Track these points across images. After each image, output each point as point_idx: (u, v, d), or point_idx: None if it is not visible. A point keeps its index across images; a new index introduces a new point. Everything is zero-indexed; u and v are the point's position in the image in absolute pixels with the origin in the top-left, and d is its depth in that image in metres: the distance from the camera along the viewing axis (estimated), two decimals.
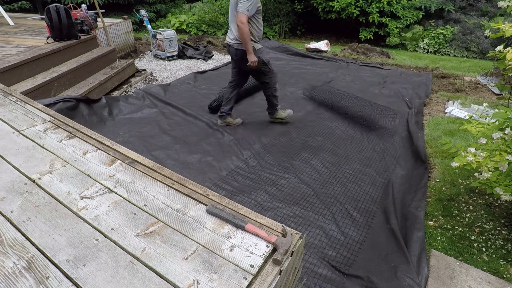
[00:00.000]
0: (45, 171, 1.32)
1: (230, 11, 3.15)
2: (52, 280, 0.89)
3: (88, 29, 4.92)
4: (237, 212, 1.13)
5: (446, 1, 8.23)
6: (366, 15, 8.18)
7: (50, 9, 4.08)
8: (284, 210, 2.44)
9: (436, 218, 2.34)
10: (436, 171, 2.87)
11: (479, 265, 1.94)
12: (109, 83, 4.52)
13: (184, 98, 4.53)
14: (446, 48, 7.89)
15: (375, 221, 2.38)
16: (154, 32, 6.51)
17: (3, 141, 1.52)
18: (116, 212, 1.12)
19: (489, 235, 2.16)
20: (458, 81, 5.54)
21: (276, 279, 0.92)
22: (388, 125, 3.84)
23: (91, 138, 1.58)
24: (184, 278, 0.90)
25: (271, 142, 3.45)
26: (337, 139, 3.56)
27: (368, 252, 2.09)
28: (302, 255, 1.15)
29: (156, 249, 0.99)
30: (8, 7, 7.94)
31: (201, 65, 6.40)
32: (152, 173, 1.33)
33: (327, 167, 3.02)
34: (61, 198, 1.18)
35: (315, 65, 6.49)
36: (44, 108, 1.86)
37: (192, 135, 3.52)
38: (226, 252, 0.98)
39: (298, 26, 9.93)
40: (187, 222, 1.09)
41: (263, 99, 4.62)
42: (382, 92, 5.06)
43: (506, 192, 1.88)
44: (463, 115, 4.01)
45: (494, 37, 2.42)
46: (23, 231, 1.04)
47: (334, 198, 2.60)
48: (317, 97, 4.52)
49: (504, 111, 2.02)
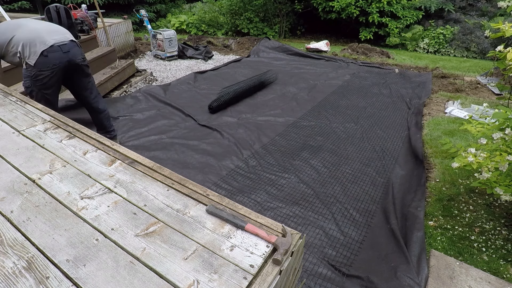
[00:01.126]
0: (45, 171, 1.32)
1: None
2: (52, 280, 0.89)
3: (88, 29, 4.92)
4: (237, 212, 1.13)
5: (446, 1, 8.23)
6: (366, 15, 8.18)
7: (50, 9, 4.07)
8: (284, 210, 2.44)
9: (436, 218, 2.34)
10: (436, 171, 2.87)
11: (479, 265, 1.94)
12: (109, 83, 4.52)
13: (184, 98, 4.53)
14: (446, 48, 7.89)
15: (375, 221, 2.38)
16: (154, 32, 6.51)
17: (3, 141, 1.52)
18: (116, 212, 1.12)
19: (489, 235, 2.16)
20: (458, 81, 5.54)
21: (276, 279, 0.92)
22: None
23: (91, 138, 1.58)
24: (184, 278, 0.90)
25: (271, 142, 3.45)
26: (337, 139, 3.56)
27: (368, 252, 2.09)
28: (302, 255, 1.15)
29: (156, 249, 0.99)
30: (8, 7, 7.95)
31: (201, 65, 6.41)
32: (152, 173, 1.33)
33: (327, 167, 3.02)
34: (61, 198, 1.18)
35: (315, 65, 6.49)
36: (44, 108, 1.86)
37: (192, 135, 3.52)
38: (226, 252, 0.98)
39: (298, 26, 9.93)
40: (187, 222, 1.09)
41: (263, 99, 4.63)
42: (382, 92, 5.06)
43: (506, 192, 1.88)
44: (463, 115, 4.01)
45: (494, 37, 2.42)
46: (23, 231, 1.03)
47: (334, 198, 2.60)
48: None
49: (504, 111, 2.02)
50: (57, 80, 2.72)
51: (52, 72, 2.62)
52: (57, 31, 2.78)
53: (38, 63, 2.55)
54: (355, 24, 8.68)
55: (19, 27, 2.63)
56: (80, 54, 2.81)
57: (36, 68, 2.55)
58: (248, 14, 9.31)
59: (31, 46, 2.55)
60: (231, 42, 8.27)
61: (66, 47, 2.68)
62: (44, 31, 2.67)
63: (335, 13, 8.35)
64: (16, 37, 2.57)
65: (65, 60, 2.67)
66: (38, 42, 2.57)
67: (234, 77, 5.54)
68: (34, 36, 2.59)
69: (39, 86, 2.61)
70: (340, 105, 4.53)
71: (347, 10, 8.05)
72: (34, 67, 2.55)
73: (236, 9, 9.47)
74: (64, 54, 2.66)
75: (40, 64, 2.55)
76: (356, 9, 8.00)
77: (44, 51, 2.55)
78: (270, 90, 5.00)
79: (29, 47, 2.55)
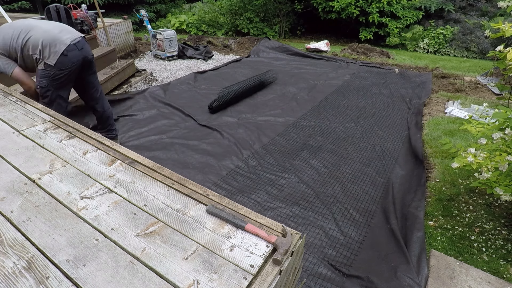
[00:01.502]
0: (45, 171, 1.32)
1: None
2: (52, 280, 0.89)
3: (88, 29, 4.92)
4: (237, 212, 1.13)
5: (446, 1, 8.23)
6: (366, 15, 8.19)
7: (50, 9, 4.08)
8: (284, 210, 2.44)
9: (436, 218, 2.34)
10: (436, 171, 2.87)
11: (479, 265, 1.94)
12: (109, 83, 4.52)
13: (184, 98, 4.53)
14: (446, 48, 7.89)
15: (375, 221, 2.38)
16: (154, 32, 6.51)
17: (3, 141, 1.52)
18: (116, 212, 1.12)
19: (489, 235, 2.16)
20: (458, 81, 5.54)
21: (276, 279, 0.92)
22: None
23: (91, 138, 1.58)
24: (184, 278, 0.90)
25: (271, 142, 3.45)
26: (337, 139, 3.56)
27: (368, 252, 2.10)
28: (302, 255, 1.15)
29: (156, 249, 0.99)
30: (8, 7, 7.94)
31: (201, 65, 6.41)
32: (152, 173, 1.33)
33: (327, 167, 3.02)
34: (61, 198, 1.18)
35: (315, 65, 6.49)
36: (44, 108, 1.86)
37: (192, 135, 3.52)
38: (226, 252, 0.98)
39: (298, 26, 9.93)
40: (187, 222, 1.09)
41: (263, 99, 4.63)
42: (382, 92, 5.06)
43: (506, 192, 1.88)
44: (463, 115, 4.01)
45: (494, 37, 2.42)
46: (23, 231, 1.03)
47: (334, 198, 2.60)
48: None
49: (504, 111, 2.02)
50: (73, 79, 2.76)
51: (70, 70, 2.64)
52: (67, 29, 2.79)
53: (58, 63, 2.55)
54: (355, 24, 8.68)
55: (31, 28, 2.58)
56: (90, 50, 2.86)
57: (56, 67, 2.56)
58: (248, 14, 9.31)
59: (51, 46, 2.55)
60: (231, 42, 8.27)
61: (80, 44, 2.71)
62: (58, 30, 2.68)
63: (335, 13, 8.35)
64: (33, 38, 2.54)
65: (81, 58, 2.70)
66: (58, 42, 2.58)
67: (234, 77, 5.54)
68: (52, 37, 2.59)
69: (56, 85, 2.62)
70: (340, 105, 4.53)
71: (347, 10, 8.05)
72: (54, 67, 2.55)
73: (236, 9, 9.47)
74: (79, 51, 2.69)
75: (60, 63, 2.56)
76: (356, 9, 8.00)
77: (64, 50, 2.57)
78: (270, 90, 5.00)
79: (49, 47, 2.55)
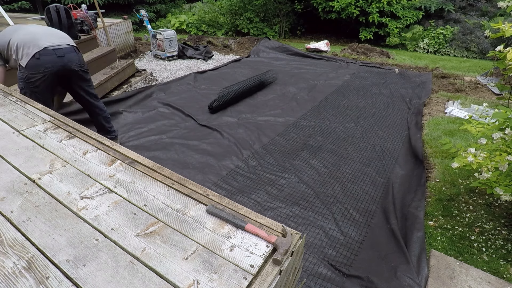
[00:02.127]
0: (45, 171, 1.32)
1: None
2: (52, 280, 0.88)
3: (88, 29, 4.92)
4: (237, 212, 1.13)
5: (446, 1, 8.23)
6: (366, 15, 8.19)
7: (50, 9, 4.07)
8: (284, 210, 2.44)
9: (436, 218, 2.34)
10: (436, 171, 2.87)
11: (479, 265, 1.94)
12: (109, 83, 4.52)
13: (184, 98, 4.53)
14: (446, 48, 7.89)
15: (375, 221, 2.38)
16: (154, 32, 6.51)
17: (3, 141, 1.52)
18: (116, 212, 1.12)
19: (489, 235, 2.16)
20: (458, 81, 5.54)
21: (276, 279, 0.92)
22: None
23: (91, 138, 1.58)
24: (184, 278, 0.90)
25: (271, 142, 3.45)
26: (337, 139, 3.56)
27: (368, 252, 2.09)
28: (302, 255, 1.15)
29: (156, 249, 0.99)
30: (8, 7, 7.95)
31: (201, 65, 6.41)
32: (152, 173, 1.33)
33: (327, 167, 3.02)
34: (61, 198, 1.18)
35: (315, 65, 6.50)
36: (44, 108, 1.86)
37: (192, 135, 3.52)
38: (226, 252, 0.98)
39: (298, 26, 9.93)
40: (187, 222, 1.09)
41: (263, 99, 4.63)
42: (382, 92, 5.06)
43: (506, 192, 1.88)
44: (463, 115, 4.01)
45: (494, 37, 2.42)
46: (23, 231, 1.03)
47: (334, 198, 2.60)
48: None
49: (504, 111, 2.02)
50: (50, 84, 2.67)
51: (44, 75, 2.56)
52: (55, 35, 2.75)
53: (29, 65, 2.51)
54: (355, 24, 8.68)
55: (16, 30, 2.63)
56: (77, 60, 2.74)
57: (28, 70, 2.52)
58: (248, 14, 9.31)
59: (24, 47, 2.53)
60: (231, 42, 8.27)
61: (61, 51, 2.62)
62: (42, 34, 2.64)
63: (335, 13, 8.36)
64: (13, 39, 2.57)
65: (59, 65, 2.61)
66: (32, 44, 2.55)
67: (234, 77, 5.54)
68: (29, 38, 2.57)
69: (31, 88, 2.58)
70: (340, 105, 4.53)
71: (347, 10, 8.05)
72: (26, 69, 2.52)
73: (236, 9, 9.47)
74: (58, 58, 2.60)
75: (31, 66, 2.52)
76: (356, 9, 8.00)
77: (36, 53, 2.51)
78: (270, 90, 5.00)
79: (23, 49, 2.53)
